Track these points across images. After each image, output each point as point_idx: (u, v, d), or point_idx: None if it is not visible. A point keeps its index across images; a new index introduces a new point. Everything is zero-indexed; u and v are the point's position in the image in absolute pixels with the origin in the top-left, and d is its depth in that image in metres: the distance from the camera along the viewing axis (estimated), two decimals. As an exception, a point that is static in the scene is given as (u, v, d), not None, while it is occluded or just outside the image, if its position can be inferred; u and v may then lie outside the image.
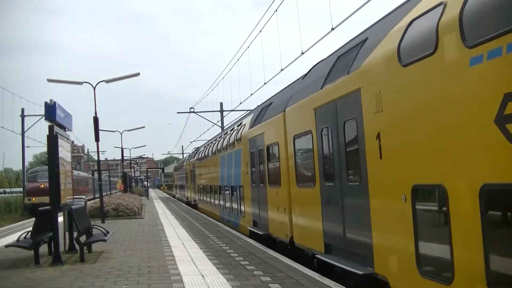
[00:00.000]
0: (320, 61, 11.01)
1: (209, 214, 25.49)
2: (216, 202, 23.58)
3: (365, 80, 7.17)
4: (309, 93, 9.90)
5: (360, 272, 7.12)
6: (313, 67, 11.46)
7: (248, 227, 15.51)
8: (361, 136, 7.37)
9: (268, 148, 13.21)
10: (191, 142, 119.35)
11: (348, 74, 7.83)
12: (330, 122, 8.68)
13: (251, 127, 15.17)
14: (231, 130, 20.43)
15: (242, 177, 16.60)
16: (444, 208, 5.17)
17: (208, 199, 27.09)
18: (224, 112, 44.17)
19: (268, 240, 13.18)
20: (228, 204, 20.15)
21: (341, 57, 8.87)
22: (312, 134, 9.63)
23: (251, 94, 29.33)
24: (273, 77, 22.28)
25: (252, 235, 14.81)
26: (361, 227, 7.38)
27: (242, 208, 16.89)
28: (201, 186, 30.44)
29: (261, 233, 13.66)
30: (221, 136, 23.49)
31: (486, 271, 4.49)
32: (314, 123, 9.45)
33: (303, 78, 11.71)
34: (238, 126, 18.64)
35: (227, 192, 20.41)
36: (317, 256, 9.26)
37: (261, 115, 14.36)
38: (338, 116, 8.28)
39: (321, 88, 9.09)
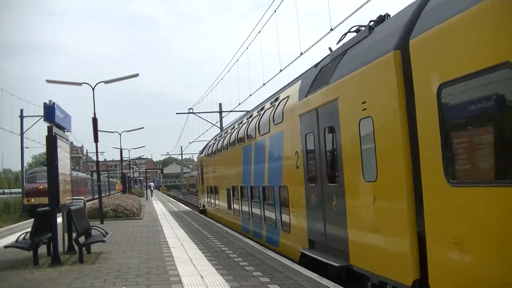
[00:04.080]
0: None
1: (223, 222, 20.48)
2: (236, 207, 18.14)
3: None
4: None
5: None
6: None
7: (301, 249, 10.20)
8: None
9: (348, 122, 7.86)
10: (190, 143, 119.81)
11: None
12: None
13: (306, 96, 9.88)
14: (258, 112, 15.03)
15: (286, 173, 11.49)
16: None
17: (221, 204, 21.58)
18: (223, 113, 44.22)
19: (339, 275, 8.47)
20: (256, 211, 14.94)
21: None
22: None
23: (250, 95, 29.36)
24: (272, 78, 22.28)
25: (307, 261, 9.93)
26: None
27: (285, 218, 11.66)
28: (211, 187, 24.66)
29: (336, 264, 8.30)
30: (241, 122, 18.06)
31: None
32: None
33: None
34: (272, 103, 13.33)
35: (254, 194, 15.22)
36: None
37: (324, 76, 9.20)
38: None
39: None
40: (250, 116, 16.32)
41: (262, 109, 14.63)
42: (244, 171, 16.31)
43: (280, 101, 12.20)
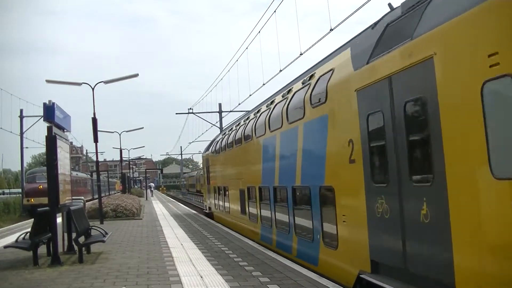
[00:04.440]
0: None
1: (235, 228, 17.57)
2: (252, 212, 15.23)
3: None
4: None
5: None
6: None
7: (358, 272, 7.56)
8: None
9: (456, 89, 5.37)
10: (190, 143, 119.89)
11: None
12: None
13: (368, 62, 7.34)
14: (284, 96, 12.08)
15: (332, 169, 8.77)
16: None
17: (232, 207, 18.51)
18: (223, 113, 44.22)
19: None
20: (282, 218, 12.00)
21: None
22: None
23: (250, 95, 29.39)
24: (272, 78, 22.28)
25: None
26: None
27: (330, 229, 8.91)
28: (219, 188, 21.45)
29: None
30: (259, 111, 14.76)
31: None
32: None
33: None
34: (304, 82, 10.62)
35: (279, 197, 12.41)
36: None
37: (400, 31, 6.74)
38: None
39: None
40: (272, 103, 13.20)
41: (289, 91, 11.68)
42: (265, 168, 13.43)
43: (320, 78, 9.47)
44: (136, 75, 25.61)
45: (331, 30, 13.61)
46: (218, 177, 22.48)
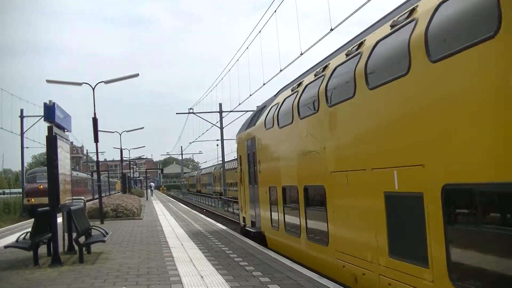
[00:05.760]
0: None
1: (316, 265, 9.62)
2: (380, 239, 6.89)
3: None
4: None
5: None
6: None
7: None
8: None
9: None
10: (190, 143, 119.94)
11: None
12: None
13: None
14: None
15: None
16: None
17: (336, 231, 8.61)
18: (223, 113, 44.23)
19: None
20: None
21: None
22: None
23: (250, 95, 29.28)
24: (272, 78, 22.12)
25: None
26: None
27: None
28: (284, 191, 11.81)
29: None
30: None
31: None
32: None
33: None
34: None
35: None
36: None
37: None
38: None
39: None
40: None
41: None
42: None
43: None
44: (136, 75, 25.61)
45: (331, 30, 13.63)
46: (279, 170, 12.16)
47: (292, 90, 11.26)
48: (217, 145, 67.86)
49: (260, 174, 13.99)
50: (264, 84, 25.38)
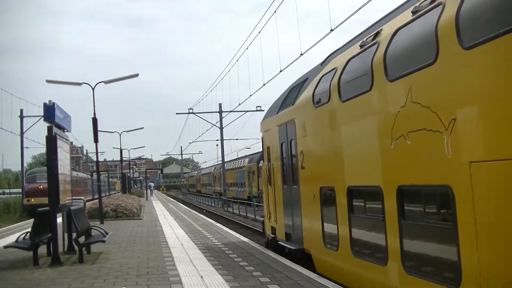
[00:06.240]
0: None
1: None
2: None
3: None
4: None
5: None
6: None
7: None
8: None
9: None
10: (190, 143, 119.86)
11: None
12: None
13: None
14: None
15: None
16: None
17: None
18: (223, 113, 44.27)
19: None
20: None
21: None
22: None
23: (250, 95, 29.21)
24: (272, 78, 22.05)
25: None
26: None
27: None
28: (357, 192, 7.83)
29: None
30: None
31: None
32: None
33: None
34: None
35: None
36: None
37: None
38: None
39: None
40: None
41: None
42: None
43: None
44: (136, 75, 25.62)
45: (332, 30, 13.63)
46: (340, 163, 8.40)
47: (361, 46, 7.66)
48: (217, 145, 67.88)
49: (304, 170, 9.97)
50: (264, 84, 25.38)
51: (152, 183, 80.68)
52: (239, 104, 45.68)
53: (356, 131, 7.75)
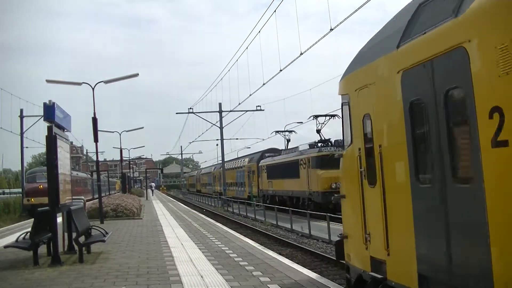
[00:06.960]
0: None
1: None
2: None
3: None
4: None
5: None
6: None
7: None
8: None
9: None
10: (190, 143, 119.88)
11: None
12: None
13: None
14: None
15: None
16: None
17: None
18: (223, 113, 44.28)
19: None
20: None
21: None
22: None
23: (250, 95, 29.24)
24: (272, 78, 21.99)
25: None
26: None
27: None
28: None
29: None
30: None
31: None
32: None
33: None
34: None
35: None
36: None
37: None
38: None
39: None
40: None
41: None
42: None
43: None
44: (136, 75, 25.61)
45: (331, 30, 13.61)
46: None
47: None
48: (217, 144, 67.84)
49: (507, 149, 3.97)
50: (264, 84, 25.46)
51: (153, 183, 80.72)
52: (239, 103, 45.67)
53: None
